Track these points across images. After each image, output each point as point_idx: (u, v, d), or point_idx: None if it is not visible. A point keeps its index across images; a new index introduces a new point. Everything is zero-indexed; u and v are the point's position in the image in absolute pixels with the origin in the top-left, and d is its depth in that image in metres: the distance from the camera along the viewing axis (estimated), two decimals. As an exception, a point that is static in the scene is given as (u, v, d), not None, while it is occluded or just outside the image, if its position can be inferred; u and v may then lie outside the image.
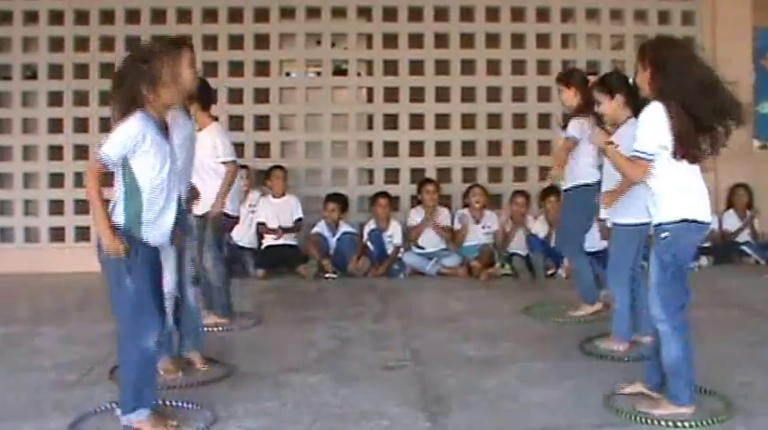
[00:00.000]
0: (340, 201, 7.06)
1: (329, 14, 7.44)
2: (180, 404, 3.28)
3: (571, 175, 4.82)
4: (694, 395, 3.13)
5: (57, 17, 7.27)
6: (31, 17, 7.30)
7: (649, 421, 3.06)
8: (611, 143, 3.36)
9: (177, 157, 3.11)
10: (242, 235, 6.69)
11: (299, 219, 7.01)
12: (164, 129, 2.99)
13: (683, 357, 3.10)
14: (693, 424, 3.01)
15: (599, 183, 4.42)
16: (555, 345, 4.34)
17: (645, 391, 3.29)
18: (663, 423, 3.03)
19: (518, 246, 6.83)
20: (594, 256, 5.45)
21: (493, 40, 7.51)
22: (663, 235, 3.11)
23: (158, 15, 7.31)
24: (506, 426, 3.12)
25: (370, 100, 7.68)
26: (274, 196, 7.00)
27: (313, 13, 7.45)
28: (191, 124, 3.90)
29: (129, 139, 2.86)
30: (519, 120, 7.57)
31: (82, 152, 7.10)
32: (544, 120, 7.56)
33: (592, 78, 4.90)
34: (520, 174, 7.55)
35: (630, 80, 3.94)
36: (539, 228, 6.86)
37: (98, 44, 7.25)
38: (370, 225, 7.02)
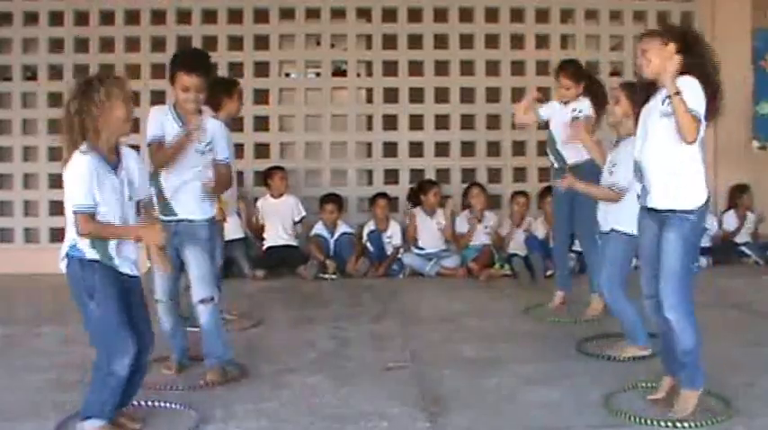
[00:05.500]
0: (337, 201, 7.06)
1: (329, 15, 7.44)
2: (166, 405, 3.30)
3: None
4: None
5: (57, 18, 7.28)
6: (31, 18, 7.31)
7: (648, 421, 3.06)
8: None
9: (127, 188, 3.06)
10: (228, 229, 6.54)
11: (302, 218, 6.99)
12: (111, 160, 2.99)
13: (699, 341, 3.14)
14: (693, 424, 3.02)
15: None
16: (554, 346, 4.35)
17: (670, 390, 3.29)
18: (662, 423, 3.04)
19: (517, 246, 6.83)
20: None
21: (492, 41, 7.51)
22: (691, 217, 3.11)
23: (158, 16, 7.31)
24: (505, 426, 3.12)
25: (369, 101, 7.68)
26: (273, 196, 7.00)
27: (312, 13, 7.45)
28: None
29: (87, 179, 2.88)
30: (518, 121, 7.57)
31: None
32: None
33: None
34: (519, 174, 7.56)
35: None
36: (538, 228, 6.87)
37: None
38: (370, 226, 7.03)
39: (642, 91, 3.30)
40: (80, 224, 2.91)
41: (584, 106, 5.08)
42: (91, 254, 2.96)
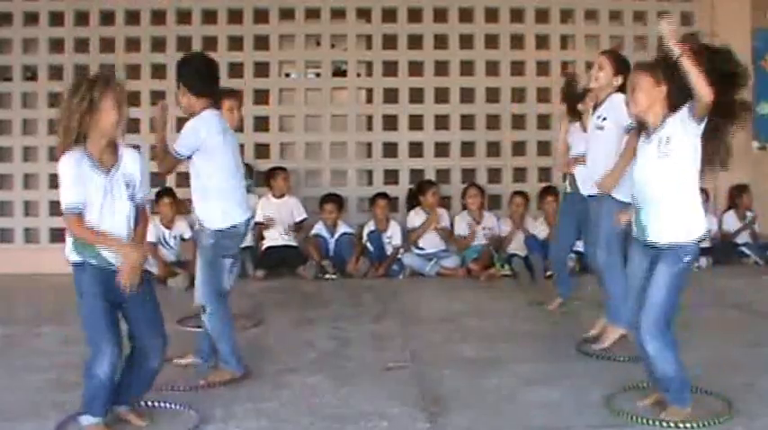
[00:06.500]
0: (337, 201, 7.06)
1: (328, 15, 7.44)
2: (166, 405, 3.31)
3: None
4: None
5: (57, 18, 7.28)
6: (31, 18, 7.31)
7: (649, 422, 3.06)
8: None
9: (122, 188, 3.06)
10: None
11: (303, 220, 7.00)
12: (105, 160, 3.01)
13: (680, 367, 3.10)
14: (694, 425, 3.01)
15: None
16: (554, 346, 4.35)
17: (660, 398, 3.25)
18: (663, 424, 3.03)
19: (517, 247, 6.83)
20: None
21: (492, 41, 7.51)
22: (686, 258, 3.09)
23: (158, 16, 7.31)
24: (505, 427, 3.13)
25: (369, 101, 7.68)
26: (275, 196, 7.00)
27: (312, 14, 7.45)
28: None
29: (76, 178, 2.94)
30: (518, 121, 7.57)
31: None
32: (543, 121, 7.56)
33: None
34: (519, 174, 7.56)
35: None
36: (538, 229, 6.87)
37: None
38: (370, 226, 7.02)
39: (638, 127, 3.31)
40: (70, 226, 2.95)
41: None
42: (73, 256, 3.00)
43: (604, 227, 4.13)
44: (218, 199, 3.72)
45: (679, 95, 3.08)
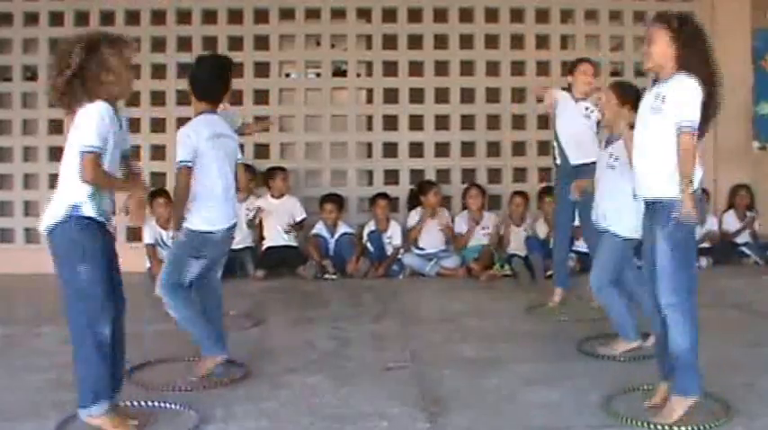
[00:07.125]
0: (336, 201, 7.05)
1: (329, 15, 7.44)
2: (166, 405, 3.30)
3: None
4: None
5: (57, 18, 7.28)
6: (31, 18, 7.31)
7: (645, 424, 3.05)
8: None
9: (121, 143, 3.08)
10: (238, 237, 6.62)
11: (303, 220, 7.00)
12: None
13: (694, 344, 3.07)
14: (694, 426, 3.00)
15: None
16: (554, 346, 4.35)
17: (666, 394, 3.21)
18: (660, 426, 3.02)
19: (517, 247, 6.82)
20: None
21: (492, 41, 7.52)
22: (675, 213, 3.03)
23: (158, 16, 7.31)
24: (505, 427, 3.13)
25: (369, 101, 7.68)
26: (273, 196, 7.00)
27: (312, 14, 7.45)
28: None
29: (102, 123, 2.89)
30: (518, 122, 7.57)
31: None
32: (543, 121, 7.56)
33: None
34: (519, 174, 7.56)
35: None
36: (538, 228, 6.87)
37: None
38: (370, 226, 7.02)
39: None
40: (88, 167, 2.86)
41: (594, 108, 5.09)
42: (90, 211, 2.93)
43: (602, 257, 4.11)
44: (200, 202, 3.70)
45: (690, 60, 3.04)
